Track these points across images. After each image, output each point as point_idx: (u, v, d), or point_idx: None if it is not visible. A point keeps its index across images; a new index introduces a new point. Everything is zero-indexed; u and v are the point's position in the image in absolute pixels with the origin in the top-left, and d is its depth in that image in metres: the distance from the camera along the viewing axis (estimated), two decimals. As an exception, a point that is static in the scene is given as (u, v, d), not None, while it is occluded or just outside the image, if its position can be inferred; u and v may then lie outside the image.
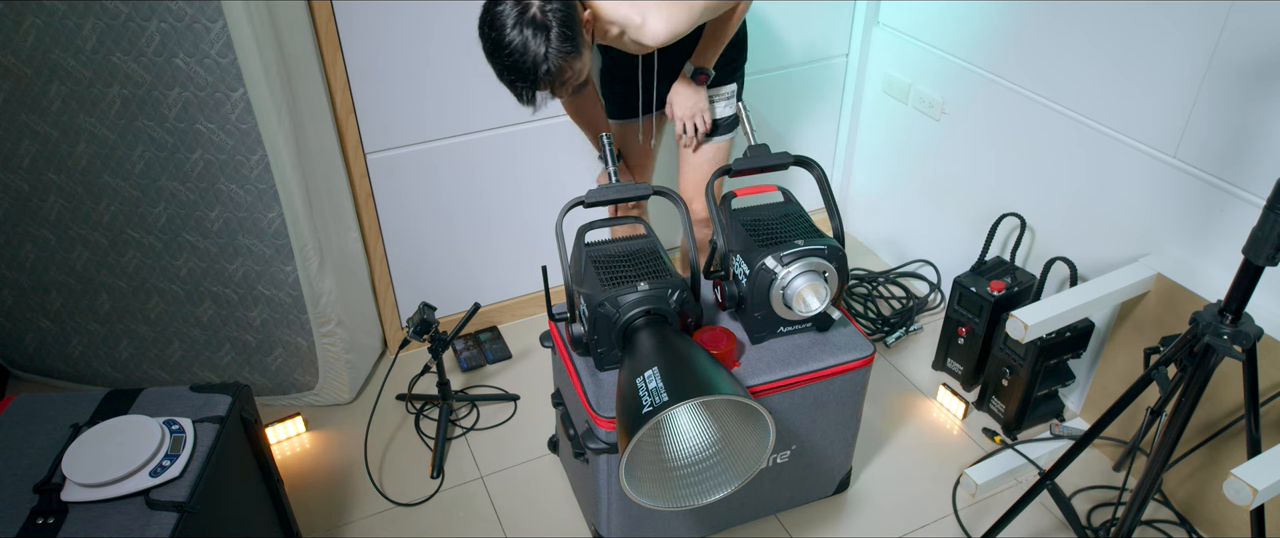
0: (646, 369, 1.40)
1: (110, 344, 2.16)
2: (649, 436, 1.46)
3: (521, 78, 1.51)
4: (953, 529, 1.95)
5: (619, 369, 1.54)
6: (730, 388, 1.36)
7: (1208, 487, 1.86)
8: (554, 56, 1.48)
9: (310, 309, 2.03)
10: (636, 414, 1.34)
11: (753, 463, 1.46)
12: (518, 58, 1.48)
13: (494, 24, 1.48)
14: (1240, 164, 1.70)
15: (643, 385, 1.38)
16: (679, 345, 1.46)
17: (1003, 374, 2.11)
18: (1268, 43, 1.59)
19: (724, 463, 1.49)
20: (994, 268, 2.19)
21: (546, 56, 1.47)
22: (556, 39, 1.47)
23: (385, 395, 2.28)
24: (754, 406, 1.38)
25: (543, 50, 1.47)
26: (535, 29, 1.46)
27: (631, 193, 1.66)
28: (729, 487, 1.48)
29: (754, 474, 1.47)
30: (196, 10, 1.61)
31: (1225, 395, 1.77)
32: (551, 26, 1.47)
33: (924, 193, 2.55)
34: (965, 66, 2.27)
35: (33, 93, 1.76)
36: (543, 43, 1.47)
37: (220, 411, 1.48)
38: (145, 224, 1.93)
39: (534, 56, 1.47)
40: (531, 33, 1.46)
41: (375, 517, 1.97)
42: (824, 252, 1.66)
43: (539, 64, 1.48)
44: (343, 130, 2.04)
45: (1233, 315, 1.33)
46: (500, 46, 1.48)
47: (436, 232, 2.31)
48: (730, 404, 1.47)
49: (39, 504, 1.30)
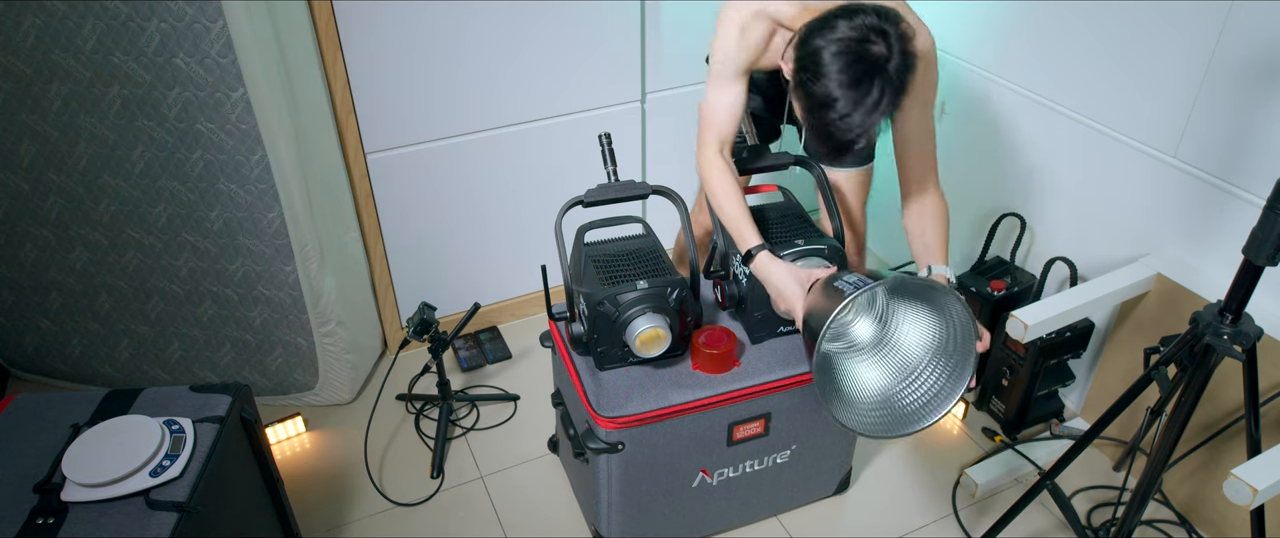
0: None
1: (110, 344, 2.16)
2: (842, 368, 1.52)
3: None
4: (953, 529, 1.95)
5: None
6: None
7: (1208, 487, 1.86)
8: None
9: (310, 309, 2.03)
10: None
11: (964, 363, 1.47)
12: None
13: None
14: (1240, 164, 1.70)
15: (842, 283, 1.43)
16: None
17: (1003, 374, 2.11)
18: (1268, 43, 1.59)
19: (934, 365, 1.51)
20: (994, 268, 2.19)
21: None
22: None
23: (385, 396, 2.28)
24: (939, 287, 1.41)
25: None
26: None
27: (631, 192, 1.66)
28: (952, 399, 1.49)
29: (971, 373, 1.47)
30: (196, 10, 1.61)
31: (1225, 396, 1.77)
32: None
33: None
34: (965, 66, 2.27)
35: (33, 93, 1.76)
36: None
37: (220, 410, 1.48)
38: (145, 224, 1.93)
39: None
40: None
41: (375, 517, 1.97)
42: (824, 252, 1.66)
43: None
44: (343, 130, 2.04)
45: (1233, 315, 1.33)
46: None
47: (436, 232, 2.31)
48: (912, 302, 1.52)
49: (39, 504, 1.30)
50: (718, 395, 1.62)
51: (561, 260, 1.63)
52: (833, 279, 1.48)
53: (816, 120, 1.41)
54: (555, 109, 2.26)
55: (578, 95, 2.26)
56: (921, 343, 1.53)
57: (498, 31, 2.07)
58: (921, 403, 1.51)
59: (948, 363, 1.50)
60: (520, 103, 2.20)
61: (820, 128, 1.42)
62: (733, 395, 1.63)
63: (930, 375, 1.52)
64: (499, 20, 2.05)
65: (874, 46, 1.35)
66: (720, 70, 1.61)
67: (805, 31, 1.41)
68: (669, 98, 2.40)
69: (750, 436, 1.72)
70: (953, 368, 1.49)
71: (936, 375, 1.51)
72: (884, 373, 1.55)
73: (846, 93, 1.36)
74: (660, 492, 1.73)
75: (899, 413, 1.51)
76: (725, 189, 1.63)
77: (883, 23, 1.36)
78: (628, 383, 1.61)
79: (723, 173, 1.64)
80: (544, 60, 2.16)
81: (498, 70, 2.12)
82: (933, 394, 1.51)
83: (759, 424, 1.71)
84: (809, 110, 1.42)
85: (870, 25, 1.36)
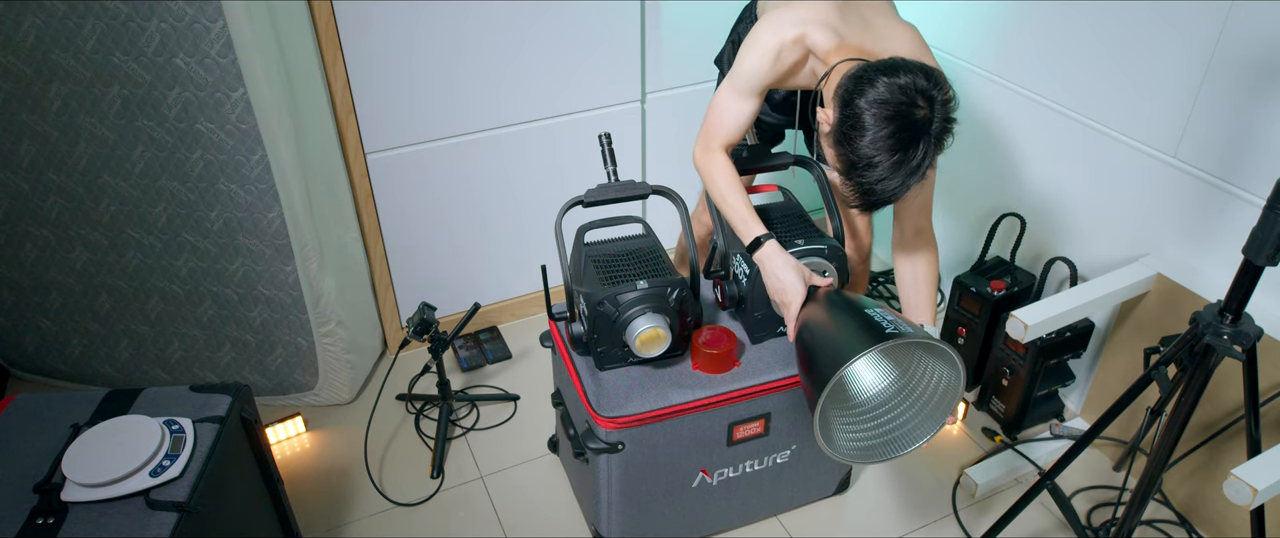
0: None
1: (110, 344, 2.16)
2: (834, 393, 1.50)
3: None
4: (953, 529, 1.95)
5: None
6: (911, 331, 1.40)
7: (1208, 487, 1.86)
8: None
9: (310, 309, 2.03)
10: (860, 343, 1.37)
11: (946, 407, 1.48)
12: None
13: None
14: (1240, 164, 1.70)
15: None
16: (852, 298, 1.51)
17: (1003, 374, 2.11)
18: (1268, 43, 1.59)
19: (913, 409, 1.51)
20: (994, 268, 2.19)
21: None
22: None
23: (385, 396, 2.28)
24: (943, 347, 1.40)
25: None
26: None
27: (631, 192, 1.66)
28: (926, 436, 1.50)
29: (947, 417, 1.49)
30: (196, 10, 1.61)
31: (1225, 396, 1.77)
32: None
33: (924, 193, 2.55)
34: (965, 66, 2.27)
35: (33, 93, 1.76)
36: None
37: (220, 410, 1.48)
38: (145, 224, 1.93)
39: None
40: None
41: (375, 517, 1.97)
42: (824, 252, 1.66)
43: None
44: (343, 130, 2.04)
45: (1233, 315, 1.33)
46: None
47: (436, 232, 2.31)
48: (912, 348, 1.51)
49: (39, 504, 1.30)
50: (718, 395, 1.62)
51: (561, 260, 1.63)
52: (841, 303, 1.48)
53: (855, 178, 1.41)
54: (555, 109, 2.25)
55: (578, 95, 2.26)
56: (896, 390, 1.54)
57: (498, 32, 2.07)
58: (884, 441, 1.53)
59: (919, 412, 1.52)
60: (520, 103, 2.20)
61: (857, 186, 1.41)
62: (733, 395, 1.63)
63: (899, 417, 1.54)
64: (499, 20, 2.05)
65: (919, 111, 1.34)
66: (742, 84, 1.59)
67: (850, 86, 1.38)
68: (669, 98, 2.40)
69: (750, 436, 1.72)
70: (924, 417, 1.51)
71: (904, 418, 1.53)
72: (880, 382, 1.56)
73: (889, 157, 1.36)
74: (660, 492, 1.73)
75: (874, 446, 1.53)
76: (729, 183, 1.63)
77: (930, 87, 1.35)
78: (628, 383, 1.61)
79: (725, 167, 1.64)
80: (544, 60, 2.16)
81: (498, 70, 2.12)
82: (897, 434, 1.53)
83: (759, 424, 1.71)
84: (848, 167, 1.41)
85: (919, 88, 1.34)
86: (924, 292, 1.71)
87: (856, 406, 1.54)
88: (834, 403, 1.51)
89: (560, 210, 1.61)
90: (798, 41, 1.53)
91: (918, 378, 1.51)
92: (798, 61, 1.55)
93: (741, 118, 1.62)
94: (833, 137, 1.42)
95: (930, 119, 1.35)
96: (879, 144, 1.35)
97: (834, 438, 1.48)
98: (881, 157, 1.35)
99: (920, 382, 1.51)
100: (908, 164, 1.36)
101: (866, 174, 1.38)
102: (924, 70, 1.36)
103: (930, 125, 1.35)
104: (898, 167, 1.36)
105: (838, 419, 1.51)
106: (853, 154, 1.38)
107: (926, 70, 1.36)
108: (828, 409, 1.48)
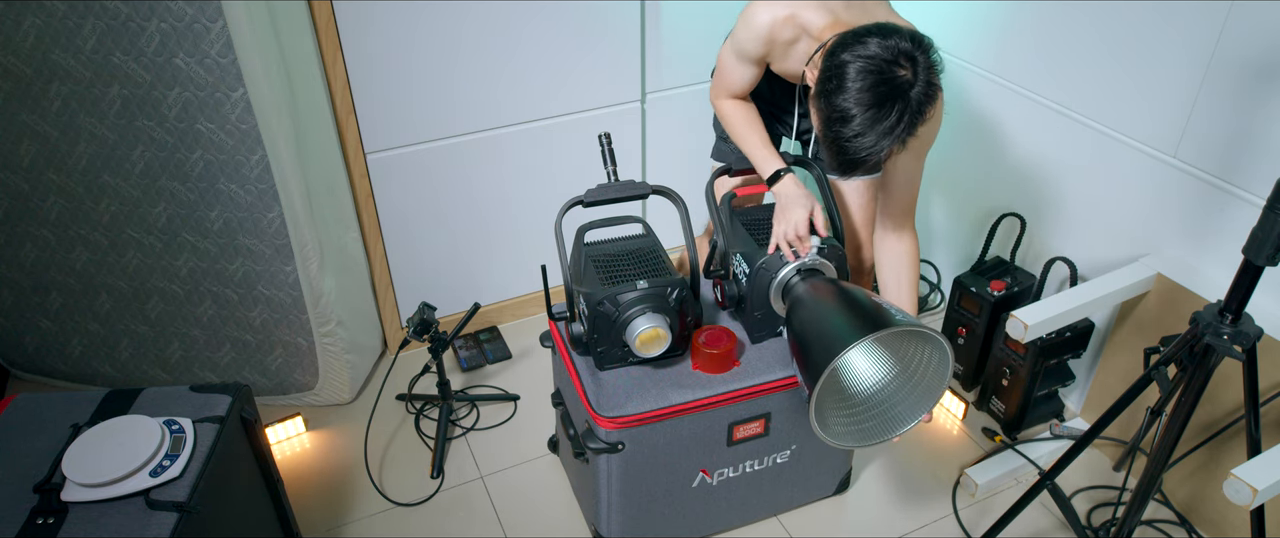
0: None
1: (110, 344, 2.16)
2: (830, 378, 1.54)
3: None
4: (953, 529, 1.95)
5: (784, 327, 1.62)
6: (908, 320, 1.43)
7: (1208, 487, 1.86)
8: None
9: (310, 309, 2.03)
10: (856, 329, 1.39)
11: (934, 392, 1.51)
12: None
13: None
14: (1240, 164, 1.70)
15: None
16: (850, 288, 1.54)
17: (1003, 374, 2.11)
18: (1268, 43, 1.59)
19: (904, 392, 1.54)
20: (994, 268, 2.19)
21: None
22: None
23: (385, 395, 2.28)
24: (932, 334, 1.42)
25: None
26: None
27: (631, 192, 1.66)
28: (913, 419, 1.53)
29: (936, 403, 1.53)
30: (196, 10, 1.61)
31: (1225, 396, 1.77)
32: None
33: (924, 192, 2.55)
34: (965, 66, 2.27)
35: (33, 93, 1.76)
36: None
37: (220, 410, 1.48)
38: (145, 224, 1.93)
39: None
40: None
41: (375, 517, 1.97)
42: (824, 251, 1.66)
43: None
44: (343, 130, 2.04)
45: (1233, 315, 1.33)
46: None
47: (436, 232, 2.31)
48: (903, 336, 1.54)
49: (39, 504, 1.30)
50: (718, 395, 1.62)
51: (561, 260, 1.63)
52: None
53: (830, 133, 1.42)
54: (555, 109, 2.25)
55: (578, 95, 2.26)
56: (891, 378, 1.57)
57: (498, 31, 2.07)
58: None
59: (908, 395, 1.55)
60: (520, 103, 2.20)
61: (832, 142, 1.42)
62: (733, 395, 1.63)
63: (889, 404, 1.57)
64: (499, 20, 2.05)
65: (901, 71, 1.35)
66: (738, 51, 1.65)
67: (836, 43, 1.41)
68: (669, 98, 2.40)
69: (750, 436, 1.72)
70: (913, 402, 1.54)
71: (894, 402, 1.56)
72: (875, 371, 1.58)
73: (864, 112, 1.36)
74: (660, 492, 1.73)
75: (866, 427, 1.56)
76: (744, 119, 1.71)
77: (914, 49, 1.36)
78: (628, 383, 1.61)
79: (741, 106, 1.70)
80: (544, 60, 2.16)
81: (498, 70, 2.12)
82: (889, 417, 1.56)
83: (759, 424, 1.71)
84: (825, 122, 1.42)
85: (902, 49, 1.35)
86: (907, 288, 1.75)
87: (850, 393, 1.57)
88: (828, 391, 1.53)
89: (560, 210, 1.61)
90: (789, 20, 1.56)
91: (908, 362, 1.54)
92: (789, 39, 1.59)
93: (744, 79, 1.69)
94: (815, 90, 1.44)
95: (912, 82, 1.35)
96: (855, 97, 1.36)
97: (829, 425, 1.49)
98: (857, 110, 1.36)
99: (909, 364, 1.54)
100: (882, 123, 1.36)
101: (841, 129, 1.39)
102: (914, 36, 1.37)
103: (911, 88, 1.35)
104: (872, 124, 1.37)
105: (831, 405, 1.53)
106: (830, 108, 1.39)
107: (916, 36, 1.38)
108: (822, 397, 1.50)
